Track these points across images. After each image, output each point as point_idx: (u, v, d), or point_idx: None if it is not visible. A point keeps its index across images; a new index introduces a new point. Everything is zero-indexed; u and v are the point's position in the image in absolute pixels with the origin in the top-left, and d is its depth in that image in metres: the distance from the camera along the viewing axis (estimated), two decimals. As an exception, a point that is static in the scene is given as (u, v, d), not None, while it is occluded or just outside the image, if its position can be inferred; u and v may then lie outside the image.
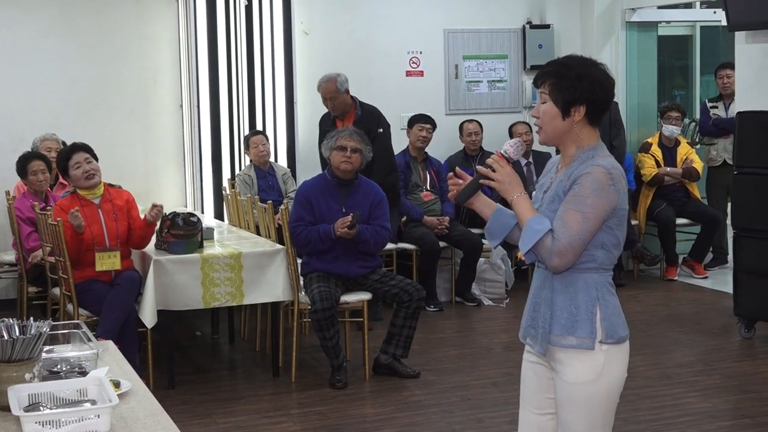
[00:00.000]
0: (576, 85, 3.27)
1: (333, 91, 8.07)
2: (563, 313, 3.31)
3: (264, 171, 8.79)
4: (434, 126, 9.09)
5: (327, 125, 8.02)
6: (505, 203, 3.43)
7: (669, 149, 9.90)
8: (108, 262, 6.43)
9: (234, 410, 6.11)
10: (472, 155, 9.51)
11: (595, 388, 3.29)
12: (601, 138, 3.40)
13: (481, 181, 3.37)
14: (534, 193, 3.48)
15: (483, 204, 3.49)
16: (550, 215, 3.28)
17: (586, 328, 3.27)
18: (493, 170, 3.33)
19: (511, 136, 9.63)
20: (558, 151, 3.48)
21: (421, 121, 9.07)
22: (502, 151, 3.38)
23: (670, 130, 9.80)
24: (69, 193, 6.69)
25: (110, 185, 6.77)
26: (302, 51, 9.57)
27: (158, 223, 6.64)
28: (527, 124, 9.73)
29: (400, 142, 9.09)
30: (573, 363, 3.29)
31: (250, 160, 8.86)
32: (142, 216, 6.63)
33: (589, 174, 3.23)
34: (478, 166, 3.41)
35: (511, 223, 3.42)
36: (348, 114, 8.13)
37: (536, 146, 9.43)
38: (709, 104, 10.03)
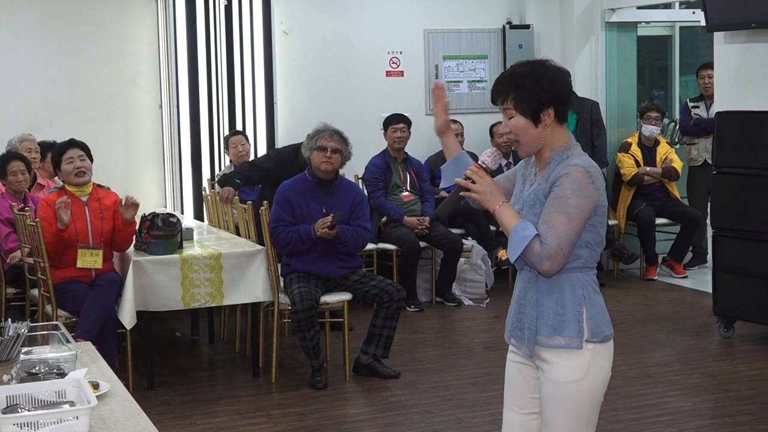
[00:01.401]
0: (537, 89, 3.27)
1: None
2: (550, 314, 3.31)
3: (244, 171, 8.77)
4: (409, 124, 9.07)
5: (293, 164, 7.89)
6: (489, 215, 3.44)
7: (648, 149, 9.93)
8: (90, 260, 6.41)
9: (214, 411, 6.10)
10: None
11: (581, 386, 3.29)
12: (583, 138, 3.43)
13: (461, 193, 3.37)
14: (513, 197, 3.48)
15: (449, 142, 3.70)
16: (533, 219, 3.28)
17: (574, 327, 3.28)
18: (473, 182, 3.33)
19: (492, 136, 9.65)
20: None
21: (394, 122, 9.02)
22: (479, 162, 3.39)
23: (650, 130, 9.83)
24: (57, 188, 6.68)
25: (99, 186, 6.76)
26: (282, 51, 9.56)
27: (138, 224, 6.62)
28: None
29: (379, 142, 9.08)
30: (560, 362, 3.30)
31: (230, 160, 8.84)
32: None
33: (568, 174, 3.23)
34: (456, 179, 3.41)
35: (459, 175, 3.51)
36: None
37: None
38: (690, 104, 10.06)
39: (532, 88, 3.27)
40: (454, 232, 8.95)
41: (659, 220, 9.83)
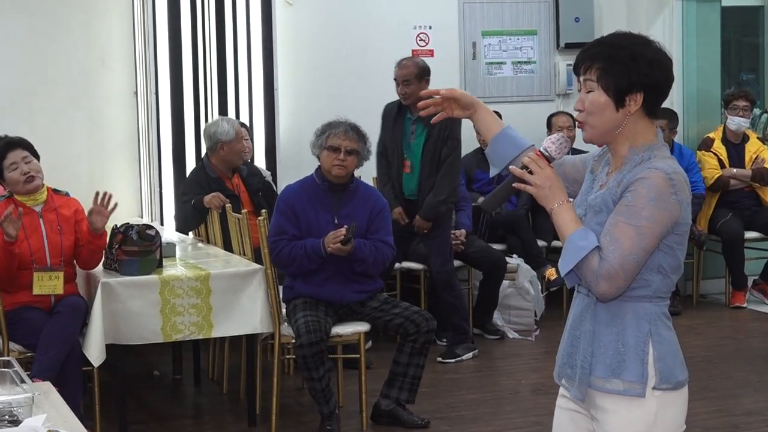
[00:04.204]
0: (631, 67, 3.26)
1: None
2: (608, 351, 3.30)
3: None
4: None
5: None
6: (543, 211, 3.40)
7: (735, 146, 9.90)
8: (48, 284, 6.41)
9: (200, 468, 6.12)
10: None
11: (646, 441, 3.28)
12: (429, 164, 3.42)
13: (514, 184, 3.35)
14: (576, 198, 3.47)
15: (484, 116, 3.71)
16: (596, 229, 3.27)
17: (636, 370, 3.27)
18: (530, 172, 3.31)
19: (550, 129, 9.63)
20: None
21: None
22: (541, 149, 3.36)
23: (737, 122, 9.80)
24: (4, 197, 6.67)
25: (55, 191, 6.75)
26: (284, 25, 9.57)
27: (108, 236, 6.63)
28: (570, 115, 9.70)
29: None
30: (619, 411, 3.29)
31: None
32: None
33: (646, 179, 3.21)
34: (510, 167, 3.38)
35: (512, 154, 3.58)
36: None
37: (577, 143, 9.42)
38: None
39: (626, 63, 3.26)
40: (495, 248, 8.94)
41: (748, 234, 9.79)
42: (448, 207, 8.26)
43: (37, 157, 6.61)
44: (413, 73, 8.29)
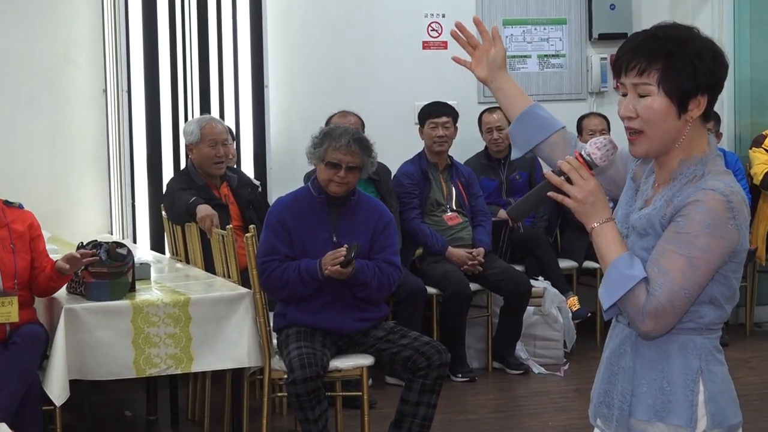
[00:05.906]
0: (697, 66, 3.21)
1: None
2: (651, 390, 3.28)
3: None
4: (455, 117, 9.05)
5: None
6: (582, 229, 3.34)
7: (789, 142, 9.90)
8: (1, 312, 6.39)
9: None
10: (498, 159, 9.48)
11: (693, 494, 3.27)
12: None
13: (550, 193, 3.29)
14: (617, 213, 3.42)
15: (510, 87, 3.76)
16: (641, 255, 3.24)
17: (684, 413, 3.25)
18: (570, 182, 3.27)
19: (581, 133, 9.60)
20: None
21: (433, 115, 9.01)
22: (583, 154, 3.29)
23: (785, 115, 9.84)
24: None
25: (7, 203, 6.71)
26: (276, 14, 9.57)
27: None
28: (603, 117, 9.69)
29: (413, 142, 9.07)
30: (663, 458, 3.28)
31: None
32: (54, 257, 6.56)
33: (700, 203, 3.16)
34: (545, 171, 3.33)
35: (539, 137, 3.61)
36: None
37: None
38: None
39: (691, 61, 3.21)
40: (518, 269, 8.93)
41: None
42: None
43: None
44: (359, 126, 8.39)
